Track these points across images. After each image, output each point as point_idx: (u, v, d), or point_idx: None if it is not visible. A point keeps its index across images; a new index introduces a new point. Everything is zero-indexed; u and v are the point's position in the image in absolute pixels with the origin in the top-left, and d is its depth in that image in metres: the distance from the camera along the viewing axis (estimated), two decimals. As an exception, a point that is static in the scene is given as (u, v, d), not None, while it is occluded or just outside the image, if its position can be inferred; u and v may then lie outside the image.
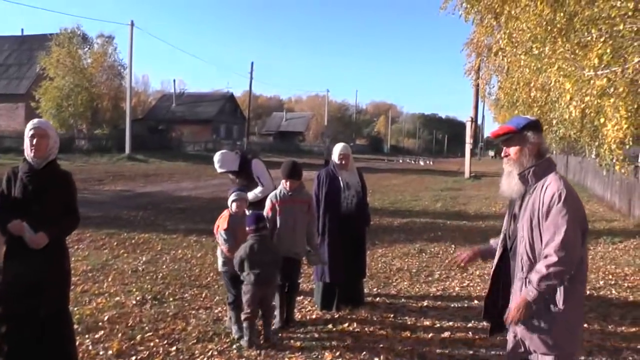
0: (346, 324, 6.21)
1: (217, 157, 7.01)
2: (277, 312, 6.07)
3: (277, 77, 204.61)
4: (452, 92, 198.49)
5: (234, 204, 5.88)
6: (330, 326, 6.17)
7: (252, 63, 64.02)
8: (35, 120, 4.33)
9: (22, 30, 60.55)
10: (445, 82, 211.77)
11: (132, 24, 40.75)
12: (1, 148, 34.16)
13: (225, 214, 5.97)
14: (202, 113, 68.25)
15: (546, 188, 3.24)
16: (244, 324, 5.51)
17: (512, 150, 3.41)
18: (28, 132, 4.18)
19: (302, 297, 7.09)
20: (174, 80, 76.11)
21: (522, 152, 3.38)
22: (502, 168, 3.55)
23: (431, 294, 7.64)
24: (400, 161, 68.33)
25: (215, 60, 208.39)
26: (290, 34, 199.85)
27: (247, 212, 6.00)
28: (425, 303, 7.18)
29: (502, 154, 3.49)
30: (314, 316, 6.56)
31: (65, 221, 4.31)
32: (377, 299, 7.34)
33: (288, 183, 6.04)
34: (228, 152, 7.17)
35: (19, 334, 4.15)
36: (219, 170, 7.04)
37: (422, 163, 64.35)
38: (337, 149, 6.78)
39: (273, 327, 5.90)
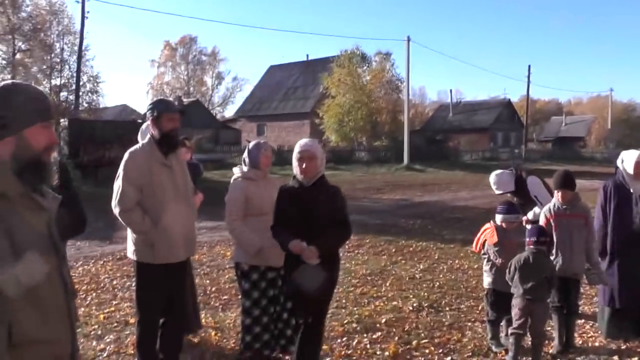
0: (635, 358, 5.51)
1: (492, 178, 6.90)
2: (555, 335, 5.69)
3: (556, 79, 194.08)
4: None
5: (504, 223, 5.68)
6: (615, 357, 5.53)
7: (529, 66, 62.64)
8: (303, 142, 4.50)
9: (307, 55, 66.07)
10: None
11: (409, 39, 41.74)
12: (290, 160, 36.99)
13: (488, 226, 5.80)
14: (479, 121, 67.53)
15: None
16: (510, 339, 5.26)
17: None
18: (296, 155, 4.39)
19: (582, 321, 6.52)
20: (450, 90, 76.46)
21: None
22: None
23: None
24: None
25: (491, 66, 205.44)
26: (568, 33, 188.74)
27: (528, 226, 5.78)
28: None
29: None
30: (596, 344, 5.96)
31: (337, 234, 4.37)
32: None
33: (560, 194, 5.64)
34: (503, 172, 6.99)
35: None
36: (496, 193, 6.94)
37: None
38: (633, 156, 5.91)
39: (551, 351, 5.57)
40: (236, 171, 5.12)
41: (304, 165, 4.35)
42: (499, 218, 5.74)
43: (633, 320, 5.93)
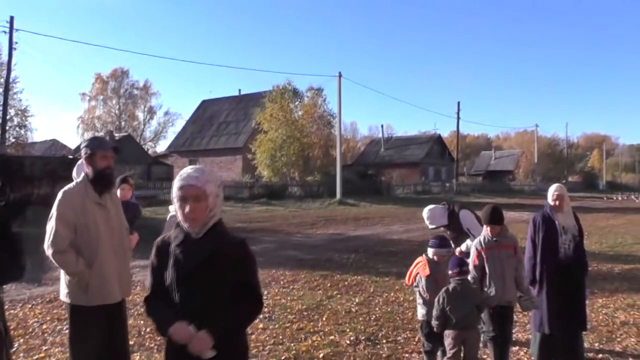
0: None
1: (426, 213, 7.09)
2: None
3: (484, 115, 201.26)
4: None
5: (436, 256, 5.83)
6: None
7: (459, 103, 64.49)
8: (185, 174, 2.96)
9: (240, 90, 66.14)
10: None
11: (340, 75, 42.37)
12: (223, 196, 36.78)
13: (421, 260, 5.93)
14: (410, 156, 68.87)
15: None
16: None
17: None
18: (176, 192, 2.94)
19: (517, 347, 6.76)
20: (382, 126, 78.01)
21: None
22: None
23: (665, 354, 6.76)
24: (619, 198, 62.55)
25: (421, 103, 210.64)
26: (495, 71, 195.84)
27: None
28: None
29: None
30: (530, 368, 6.16)
31: (241, 310, 2.99)
32: (599, 355, 6.71)
33: (489, 229, 5.83)
34: (436, 207, 7.20)
35: None
36: (430, 227, 7.10)
37: (637, 200, 57.94)
38: (551, 189, 6.36)
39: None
40: (171, 209, 5.08)
41: (187, 209, 2.91)
42: (430, 251, 5.87)
43: (560, 344, 6.15)
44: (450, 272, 5.43)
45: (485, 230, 5.87)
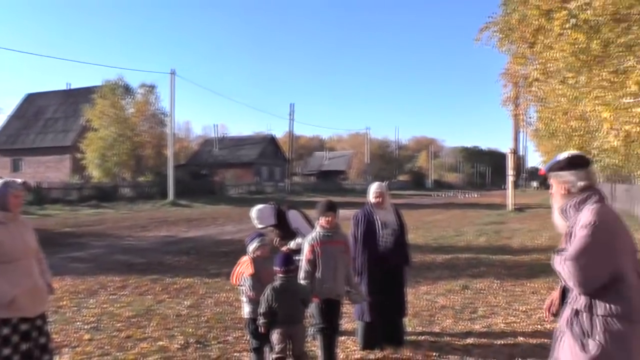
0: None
1: (254, 213, 7.13)
2: (320, 354, 5.98)
3: (318, 117, 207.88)
4: (493, 123, 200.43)
5: (259, 250, 5.92)
6: (373, 366, 6.01)
7: (292, 105, 65.66)
8: None
9: (69, 84, 62.68)
10: (485, 114, 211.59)
11: (173, 73, 41.65)
12: (50, 199, 35.05)
13: (245, 259, 5.99)
14: (244, 156, 69.17)
15: (580, 220, 3.22)
16: None
17: (553, 188, 3.52)
18: None
19: (345, 337, 7.01)
20: (215, 125, 77.63)
21: (558, 189, 3.48)
22: (548, 200, 3.65)
23: (475, 331, 7.48)
24: (444, 196, 67.59)
25: (256, 104, 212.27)
26: (329, 74, 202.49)
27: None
28: (469, 340, 7.04)
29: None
30: (357, 356, 6.48)
31: None
32: (421, 337, 7.22)
33: (326, 218, 5.99)
34: (265, 207, 7.26)
35: None
36: (258, 226, 7.14)
37: (460, 197, 63.83)
38: (372, 188, 6.80)
39: (315, 369, 5.86)
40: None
41: None
42: (250, 248, 5.96)
43: (382, 330, 6.60)
44: (277, 268, 5.50)
45: (320, 223, 5.97)
